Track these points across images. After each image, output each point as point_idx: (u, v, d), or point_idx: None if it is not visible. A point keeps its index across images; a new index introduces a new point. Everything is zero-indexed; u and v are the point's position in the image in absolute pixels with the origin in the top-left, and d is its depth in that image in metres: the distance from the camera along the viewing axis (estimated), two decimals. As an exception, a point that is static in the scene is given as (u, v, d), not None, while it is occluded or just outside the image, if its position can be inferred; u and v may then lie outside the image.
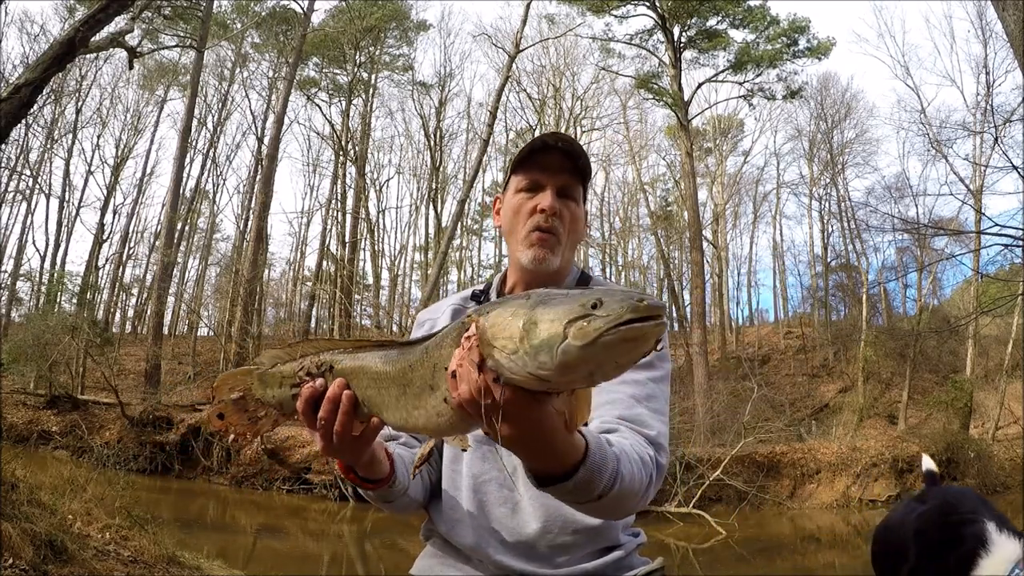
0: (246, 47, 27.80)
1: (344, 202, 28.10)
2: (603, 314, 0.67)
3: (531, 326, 0.70)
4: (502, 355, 0.71)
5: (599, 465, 0.89)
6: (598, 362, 0.68)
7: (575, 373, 0.69)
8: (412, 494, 1.23)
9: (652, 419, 1.12)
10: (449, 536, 1.26)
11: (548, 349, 0.68)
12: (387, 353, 0.87)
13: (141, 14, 11.03)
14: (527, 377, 0.70)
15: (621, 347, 0.67)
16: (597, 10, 22.56)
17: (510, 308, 0.74)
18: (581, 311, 0.68)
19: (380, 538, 11.57)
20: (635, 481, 0.97)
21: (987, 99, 18.30)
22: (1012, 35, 5.09)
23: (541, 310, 0.71)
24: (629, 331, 0.66)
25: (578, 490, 0.89)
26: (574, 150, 1.27)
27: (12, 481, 4.77)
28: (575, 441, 0.85)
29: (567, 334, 0.67)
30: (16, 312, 24.60)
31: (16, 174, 24.11)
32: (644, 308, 0.67)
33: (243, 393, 0.96)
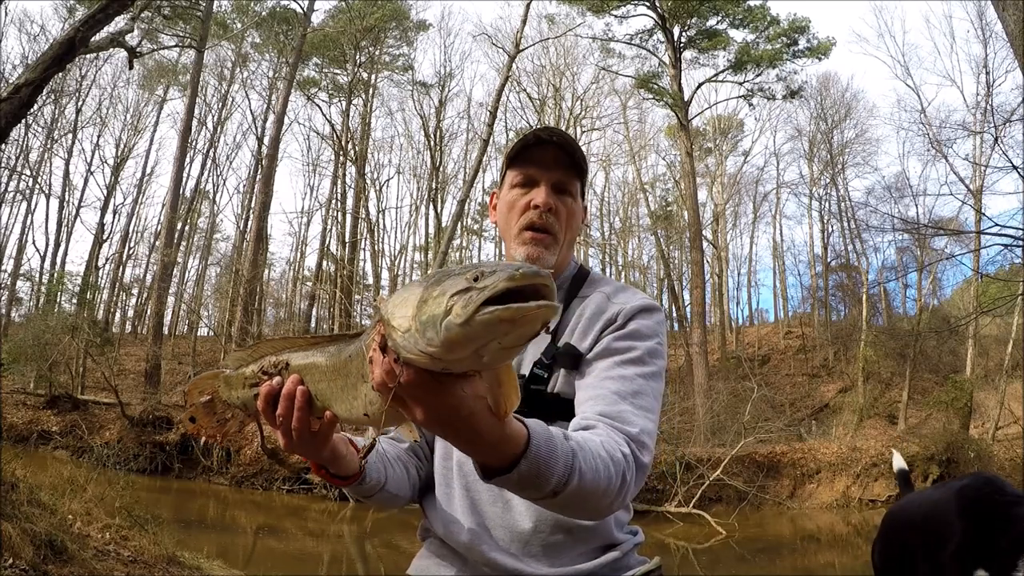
0: (246, 47, 27.82)
1: (344, 202, 28.13)
2: (480, 287, 0.66)
3: (421, 303, 0.69)
4: (398, 334, 0.70)
5: (546, 458, 0.86)
6: (480, 341, 0.66)
7: (461, 351, 0.67)
8: (392, 489, 1.21)
9: (636, 416, 1.08)
10: (444, 535, 1.25)
11: (433, 325, 0.67)
12: (334, 347, 0.88)
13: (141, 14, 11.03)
14: (420, 355, 0.69)
15: (500, 327, 0.65)
16: (597, 10, 22.57)
17: (410, 288, 0.73)
18: (464, 284, 0.67)
19: (380, 538, 11.58)
20: (600, 479, 0.93)
21: (987, 99, 18.30)
22: (1012, 35, 5.09)
23: (432, 286, 0.70)
24: (506, 312, 0.64)
25: (525, 483, 0.86)
26: (568, 144, 1.25)
27: (12, 481, 4.77)
28: (510, 430, 0.82)
29: (450, 310, 0.66)
30: (16, 312, 24.63)
31: (16, 174, 24.11)
32: (521, 276, 0.65)
33: (211, 396, 0.99)
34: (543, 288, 0.67)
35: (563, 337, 1.22)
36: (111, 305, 27.59)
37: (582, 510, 0.98)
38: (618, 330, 1.18)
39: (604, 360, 1.15)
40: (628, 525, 1.26)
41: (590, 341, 1.19)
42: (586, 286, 1.29)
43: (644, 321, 1.19)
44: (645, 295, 1.27)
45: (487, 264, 0.70)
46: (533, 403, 1.15)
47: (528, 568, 1.17)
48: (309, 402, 0.88)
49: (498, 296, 0.65)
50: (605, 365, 1.15)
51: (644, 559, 1.25)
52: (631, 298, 1.23)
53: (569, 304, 1.26)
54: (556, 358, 1.20)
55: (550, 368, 1.20)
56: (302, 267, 32.32)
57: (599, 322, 1.20)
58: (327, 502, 13.95)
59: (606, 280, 1.32)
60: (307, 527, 12.36)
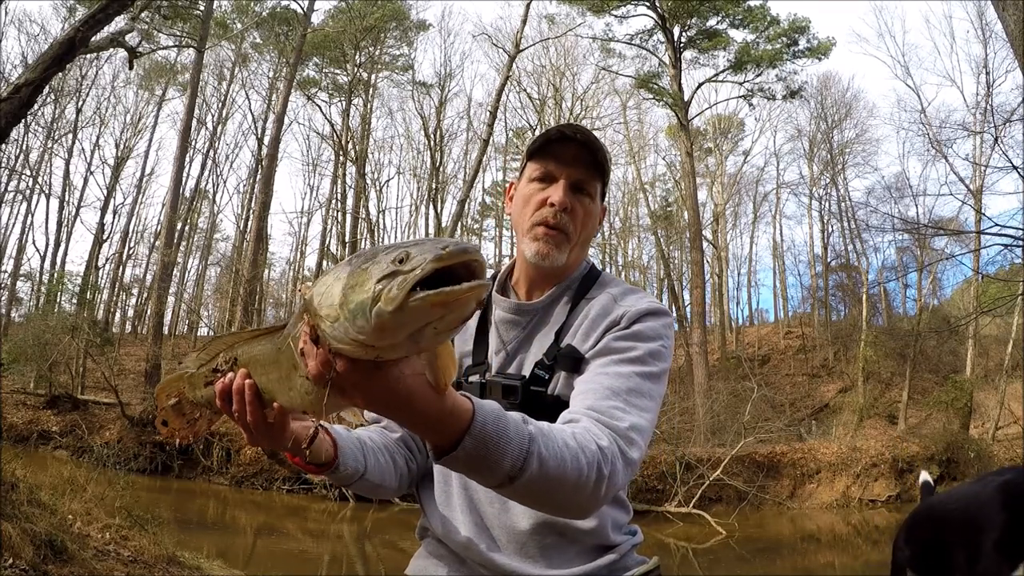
0: (246, 47, 27.81)
1: (344, 202, 28.13)
2: (408, 269, 0.63)
3: (348, 291, 0.66)
4: (326, 324, 0.68)
5: (495, 437, 0.82)
6: (413, 327, 0.64)
7: (394, 337, 0.65)
8: (373, 479, 1.18)
9: (626, 412, 1.03)
10: (443, 534, 1.23)
11: (362, 313, 0.64)
12: (268, 339, 0.87)
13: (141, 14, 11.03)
14: (352, 344, 0.67)
15: (433, 312, 0.63)
16: (597, 10, 22.57)
17: (335, 272, 0.70)
18: (390, 268, 0.64)
19: (380, 538, 11.58)
20: (567, 469, 0.88)
21: (987, 99, 18.29)
22: (1012, 35, 5.09)
23: (357, 271, 0.67)
24: (438, 296, 0.62)
25: (473, 463, 0.83)
26: (591, 143, 1.21)
27: (12, 481, 4.77)
28: (453, 407, 0.79)
29: (378, 296, 0.63)
30: (16, 312, 24.62)
31: (16, 174, 24.12)
32: (448, 255, 0.63)
33: (178, 398, 1.01)
34: (473, 265, 0.65)
35: (566, 338, 1.19)
36: (111, 305, 27.60)
37: (552, 503, 0.94)
38: (621, 331, 1.15)
39: (602, 358, 1.13)
40: (627, 525, 1.25)
41: (591, 342, 1.16)
42: (595, 287, 1.26)
43: (649, 323, 1.15)
44: (654, 299, 1.23)
45: (411, 243, 0.67)
46: (533, 405, 1.12)
47: (525, 569, 1.15)
48: (259, 395, 0.87)
49: (427, 277, 0.63)
50: (602, 362, 1.12)
51: (643, 559, 1.24)
52: (638, 301, 1.19)
53: (576, 305, 1.23)
54: (558, 359, 1.17)
55: (551, 369, 1.17)
56: (302, 267, 32.34)
57: (603, 324, 1.17)
58: (327, 502, 13.95)
59: (616, 281, 1.28)
60: (307, 527, 12.36)
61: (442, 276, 0.64)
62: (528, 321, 1.25)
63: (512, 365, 1.23)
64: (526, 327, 1.25)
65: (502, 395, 1.17)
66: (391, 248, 0.68)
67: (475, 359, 1.26)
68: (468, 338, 1.28)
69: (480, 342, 1.27)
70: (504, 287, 1.31)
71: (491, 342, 1.26)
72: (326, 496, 14.18)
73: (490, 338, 1.26)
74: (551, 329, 1.21)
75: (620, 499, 1.23)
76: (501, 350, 1.25)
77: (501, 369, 1.23)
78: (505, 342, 1.25)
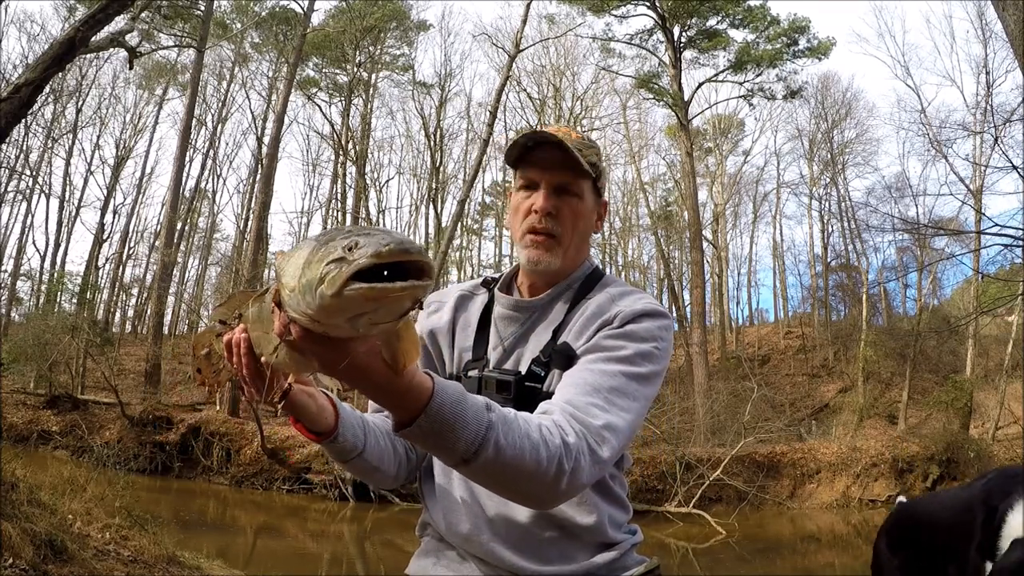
0: (246, 47, 27.80)
1: (344, 202, 28.12)
2: (352, 258, 0.66)
3: (306, 266, 0.69)
4: (285, 292, 0.72)
5: (450, 418, 0.85)
6: (349, 313, 0.68)
7: (334, 319, 0.69)
8: (371, 459, 1.17)
9: (603, 410, 1.01)
10: (445, 526, 1.22)
11: (311, 290, 0.68)
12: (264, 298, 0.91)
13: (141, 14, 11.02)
14: (302, 316, 0.71)
15: (366, 304, 0.66)
16: (597, 10, 22.57)
17: (303, 246, 0.73)
18: (339, 254, 0.67)
19: (380, 538, 11.58)
20: (525, 459, 0.89)
21: (987, 99, 18.30)
22: (1012, 35, 5.08)
23: (317, 249, 0.70)
24: (370, 291, 0.65)
25: (428, 440, 0.87)
26: (563, 143, 1.18)
27: (12, 481, 4.77)
28: (410, 385, 0.82)
29: (324, 278, 0.67)
30: (16, 312, 24.62)
31: (16, 174, 24.11)
32: (387, 254, 0.65)
33: (208, 349, 1.07)
34: (419, 264, 0.67)
35: (563, 336, 1.19)
36: (111, 305, 27.61)
37: (509, 489, 0.96)
38: (613, 330, 1.13)
39: (590, 355, 1.11)
40: (627, 524, 1.25)
41: (583, 340, 1.15)
42: (596, 288, 1.25)
43: (644, 324, 1.13)
44: (653, 300, 1.21)
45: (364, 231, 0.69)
46: (527, 401, 1.12)
47: (525, 564, 1.15)
48: (251, 348, 0.90)
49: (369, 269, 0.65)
50: (590, 359, 1.11)
51: (643, 558, 1.23)
52: (635, 301, 1.18)
53: (576, 304, 1.22)
54: (553, 356, 1.17)
55: (547, 366, 1.17)
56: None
57: (596, 322, 1.16)
58: (327, 502, 13.95)
59: (618, 283, 1.27)
60: (307, 527, 12.36)
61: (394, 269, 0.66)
62: (527, 318, 1.25)
63: (509, 361, 1.23)
64: (524, 324, 1.25)
65: (496, 390, 1.17)
66: (347, 233, 0.70)
67: (474, 354, 1.26)
68: (469, 333, 1.29)
69: (480, 338, 1.27)
70: (509, 285, 1.32)
71: (490, 338, 1.26)
72: (326, 496, 14.19)
73: (490, 334, 1.27)
74: (549, 326, 1.22)
75: (619, 498, 1.23)
76: (499, 346, 1.25)
77: (498, 365, 1.24)
78: (503, 338, 1.25)
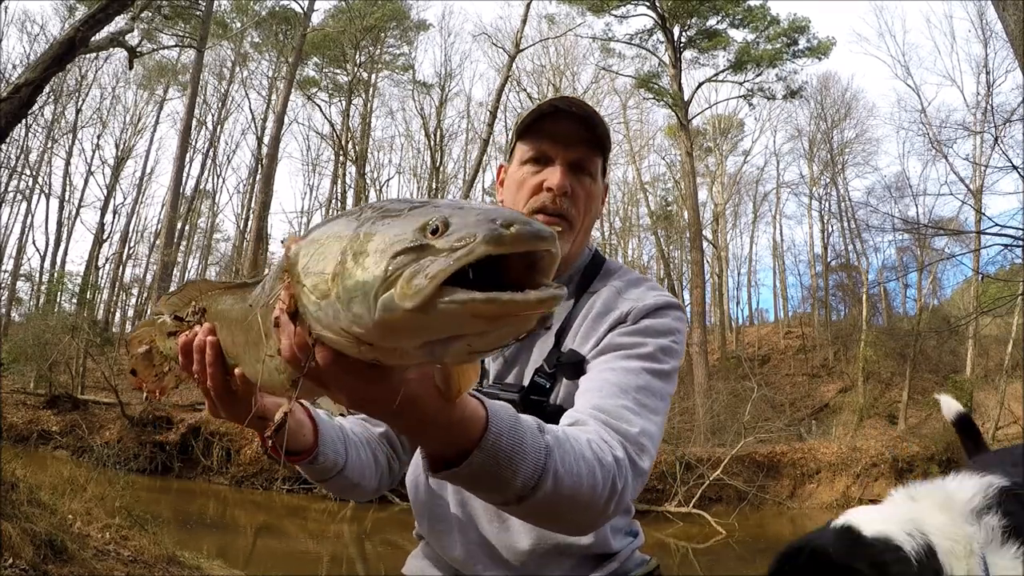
0: (246, 47, 27.81)
1: (344, 202, 28.10)
2: (444, 247, 0.43)
3: (349, 258, 0.46)
4: (310, 300, 0.49)
5: (508, 451, 0.70)
6: (438, 335, 0.45)
7: (405, 341, 0.46)
8: (352, 476, 1.04)
9: (636, 414, 0.91)
10: (437, 548, 1.16)
11: (364, 299, 0.45)
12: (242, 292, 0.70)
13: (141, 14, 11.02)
14: (342, 336, 0.48)
15: (473, 324, 0.43)
16: (597, 10, 22.57)
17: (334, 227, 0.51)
18: (416, 239, 0.44)
19: (380, 538, 11.57)
20: (583, 485, 0.77)
21: (987, 99, 18.31)
22: (1012, 35, 5.08)
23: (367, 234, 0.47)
24: (490, 305, 0.42)
25: (480, 481, 0.71)
26: (590, 116, 1.08)
27: (12, 481, 4.76)
28: (465, 413, 0.66)
29: (392, 279, 0.44)
30: (16, 312, 24.61)
31: (16, 174, 24.11)
32: (513, 239, 0.43)
33: (149, 346, 0.88)
34: (544, 258, 0.46)
35: (567, 340, 1.08)
36: (111, 305, 27.60)
37: (559, 522, 0.83)
38: (628, 327, 1.04)
39: (607, 354, 1.01)
40: (629, 525, 1.21)
41: (593, 343, 1.05)
42: (598, 279, 1.13)
43: (661, 319, 1.04)
44: (662, 290, 1.12)
45: (447, 204, 0.47)
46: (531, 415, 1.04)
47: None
48: (221, 357, 0.71)
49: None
50: (607, 359, 1.00)
51: (644, 557, 1.20)
52: (644, 294, 1.07)
53: (579, 300, 1.11)
54: (559, 366, 1.06)
55: (553, 377, 1.07)
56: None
57: (606, 322, 1.05)
58: (327, 502, 13.94)
59: (621, 271, 1.15)
60: (307, 527, 12.35)
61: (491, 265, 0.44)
62: None
63: (511, 374, 1.13)
64: None
65: None
66: (419, 206, 0.48)
67: None
68: None
69: None
70: None
71: None
72: (326, 496, 14.17)
73: None
74: (551, 331, 1.10)
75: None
76: (499, 356, 1.14)
77: (499, 378, 1.13)
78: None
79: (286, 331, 0.55)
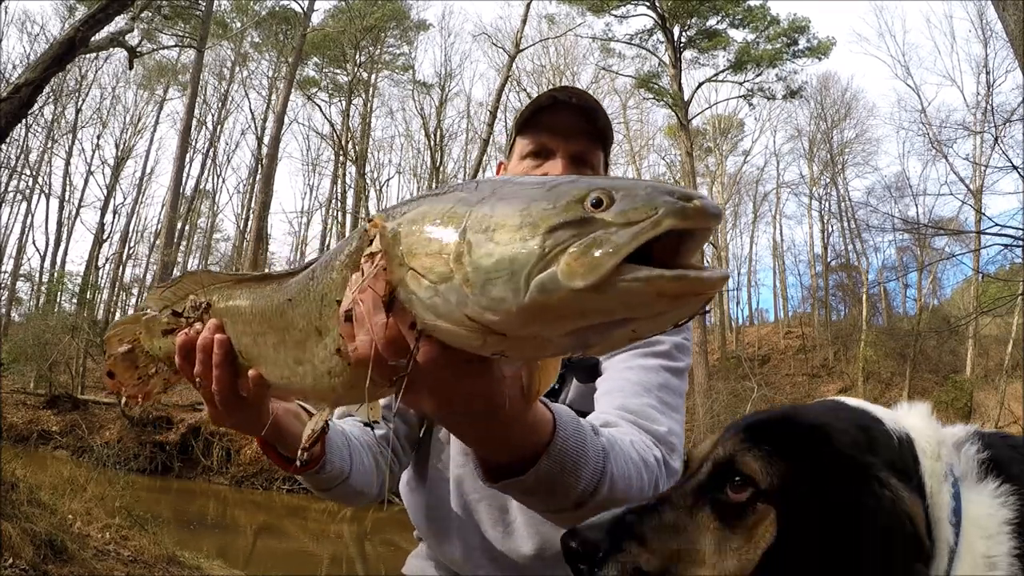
0: (246, 47, 27.83)
1: (344, 202, 28.14)
2: (619, 220, 0.39)
3: (483, 235, 0.41)
4: (421, 285, 0.43)
5: (573, 456, 0.65)
6: (601, 318, 0.40)
7: (554, 327, 0.41)
8: (356, 484, 0.99)
9: (662, 413, 0.90)
10: (436, 552, 1.14)
11: (511, 280, 0.39)
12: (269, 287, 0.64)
13: (141, 14, 11.03)
14: (462, 325, 0.42)
15: (655, 304, 0.39)
16: (597, 10, 22.57)
17: (441, 204, 0.45)
18: (575, 212, 0.40)
19: (380, 538, 11.57)
20: (633, 488, 0.74)
21: (987, 99, 18.33)
22: (1012, 35, 5.08)
23: (498, 206, 0.42)
24: (676, 281, 0.38)
25: (542, 489, 0.66)
26: (590, 106, 1.06)
27: (12, 481, 4.76)
28: (536, 417, 0.61)
29: (550, 255, 0.39)
30: (16, 312, 24.63)
31: (16, 174, 24.13)
32: (696, 212, 0.39)
33: (132, 345, 0.78)
34: (701, 237, 0.42)
35: None
36: (111, 305, 27.61)
37: None
38: None
39: (624, 352, 0.99)
40: None
41: None
42: None
43: None
44: None
45: (594, 178, 0.43)
46: None
47: None
48: (231, 357, 0.66)
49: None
50: (625, 357, 0.99)
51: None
52: None
53: None
54: (570, 367, 1.04)
55: (563, 378, 1.04)
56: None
57: None
58: (327, 503, 13.94)
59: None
60: (307, 527, 12.35)
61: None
62: None
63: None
64: None
65: None
66: (567, 182, 0.42)
67: None
68: None
69: None
70: None
71: None
72: (326, 496, 14.19)
73: None
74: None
75: None
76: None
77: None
78: None
79: (367, 323, 0.48)
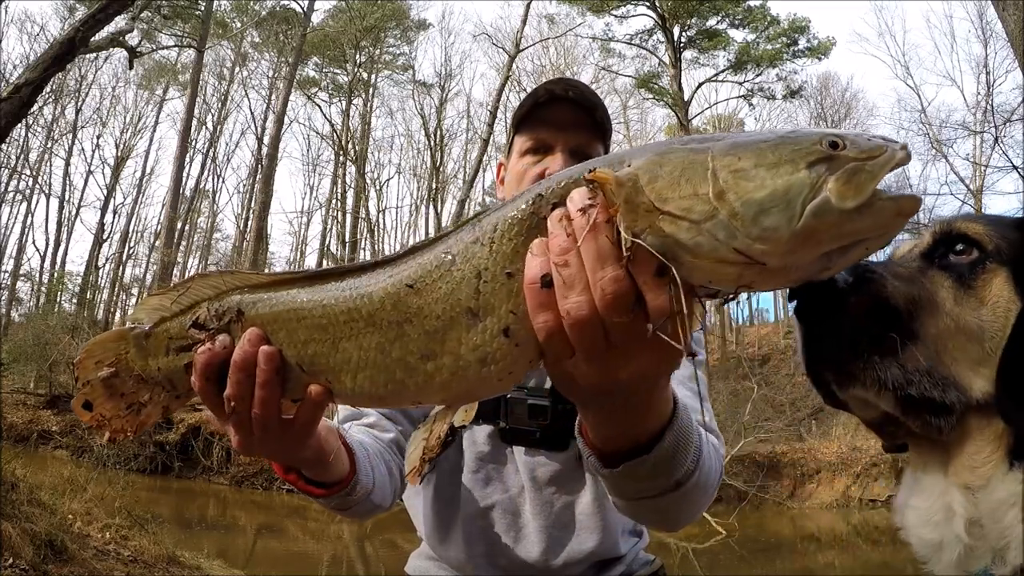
0: (246, 47, 27.84)
1: (344, 202, 28.14)
2: (861, 156, 0.45)
3: (736, 175, 0.44)
4: (681, 226, 0.44)
5: (686, 432, 0.63)
6: (855, 238, 0.45)
7: (814, 250, 0.45)
8: (377, 499, 0.94)
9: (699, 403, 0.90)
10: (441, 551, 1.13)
11: (786, 206, 0.43)
12: (344, 282, 0.56)
13: (141, 14, 11.03)
14: (725, 260, 0.44)
15: (894, 222, 0.45)
16: (597, 10, 22.59)
17: (673, 154, 0.47)
18: (822, 151, 0.45)
19: (380, 538, 11.57)
20: (714, 470, 0.73)
21: (987, 99, 18.33)
22: (1012, 35, 5.08)
23: (742, 151, 0.46)
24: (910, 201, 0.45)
25: (658, 468, 0.61)
26: (587, 99, 1.05)
27: (12, 481, 4.76)
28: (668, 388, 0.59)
29: (819, 184, 0.44)
30: (16, 312, 24.61)
31: (16, 174, 24.13)
32: (908, 155, 0.47)
33: (115, 369, 0.65)
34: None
35: None
36: (111, 305, 27.61)
37: (680, 513, 0.74)
38: None
39: None
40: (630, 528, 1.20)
41: None
42: None
43: None
44: None
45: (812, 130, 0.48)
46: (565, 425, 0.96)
47: None
48: (282, 374, 0.56)
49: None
50: None
51: (649, 557, 1.20)
52: None
53: None
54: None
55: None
56: (302, 267, 32.35)
57: None
58: (327, 502, 13.96)
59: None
60: (307, 527, 12.35)
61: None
62: None
63: (533, 377, 1.08)
64: None
65: (528, 416, 1.01)
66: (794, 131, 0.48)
67: None
68: None
69: None
70: None
71: None
72: (326, 496, 14.19)
73: None
74: None
75: None
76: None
77: (523, 381, 1.06)
78: None
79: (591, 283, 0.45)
